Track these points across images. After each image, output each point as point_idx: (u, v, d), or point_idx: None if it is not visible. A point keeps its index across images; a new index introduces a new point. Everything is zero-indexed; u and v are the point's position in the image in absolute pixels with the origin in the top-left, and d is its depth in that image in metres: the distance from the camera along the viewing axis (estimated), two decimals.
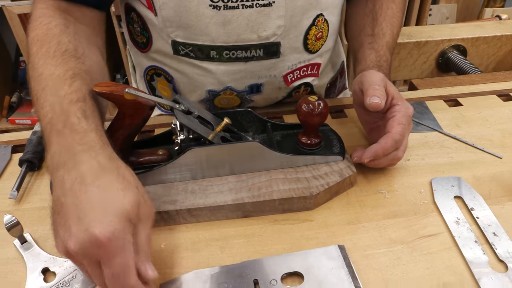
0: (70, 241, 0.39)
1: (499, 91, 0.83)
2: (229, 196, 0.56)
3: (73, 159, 0.43)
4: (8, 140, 0.75)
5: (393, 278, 0.48)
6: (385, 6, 0.73)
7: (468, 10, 2.72)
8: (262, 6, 0.63)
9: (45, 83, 0.50)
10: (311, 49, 0.72)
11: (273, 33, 0.66)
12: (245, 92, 0.74)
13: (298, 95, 0.79)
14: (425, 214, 0.56)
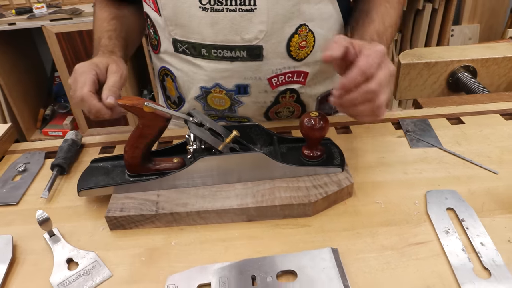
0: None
1: (502, 111, 0.86)
2: (235, 201, 0.61)
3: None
4: (42, 147, 0.84)
5: (381, 280, 0.52)
6: (377, 4, 0.76)
7: (492, 31, 2.72)
8: (245, 11, 0.69)
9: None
10: (295, 56, 0.77)
11: (255, 37, 0.72)
12: (233, 92, 0.80)
13: (285, 100, 0.83)
14: (417, 223, 0.60)
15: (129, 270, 0.56)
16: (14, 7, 2.45)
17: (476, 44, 1.89)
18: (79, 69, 0.70)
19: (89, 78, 0.67)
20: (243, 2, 0.69)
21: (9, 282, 0.55)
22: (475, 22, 2.73)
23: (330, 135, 0.79)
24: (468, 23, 2.74)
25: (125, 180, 0.65)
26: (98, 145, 0.83)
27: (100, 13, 0.87)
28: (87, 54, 2.47)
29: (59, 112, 2.96)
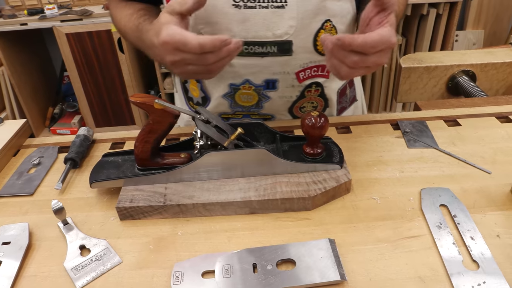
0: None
1: (498, 114, 0.89)
2: (238, 195, 0.65)
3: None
4: (55, 142, 0.88)
5: (375, 269, 0.56)
6: None
7: (496, 36, 2.75)
8: (276, 8, 0.73)
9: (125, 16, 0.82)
10: (321, 50, 0.81)
11: (285, 32, 0.76)
12: (261, 87, 0.84)
13: (310, 94, 0.87)
14: (411, 218, 0.63)
15: (137, 257, 0.59)
16: (26, 7, 2.51)
17: (478, 49, 1.92)
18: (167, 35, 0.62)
19: (183, 31, 0.62)
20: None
21: (26, 265, 0.59)
22: (480, 28, 2.76)
23: (331, 134, 0.83)
24: (472, 29, 2.76)
25: (135, 173, 0.69)
26: (108, 141, 0.87)
27: (124, 11, 0.84)
28: (96, 54, 2.53)
29: (68, 111, 3.01)
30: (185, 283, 0.54)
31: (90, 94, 2.72)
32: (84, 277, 0.57)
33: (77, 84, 2.66)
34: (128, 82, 2.67)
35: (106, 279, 0.57)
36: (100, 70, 2.61)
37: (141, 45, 0.76)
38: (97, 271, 0.57)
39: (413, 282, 0.54)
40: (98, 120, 2.85)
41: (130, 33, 0.80)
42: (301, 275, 0.54)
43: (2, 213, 0.69)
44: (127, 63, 2.58)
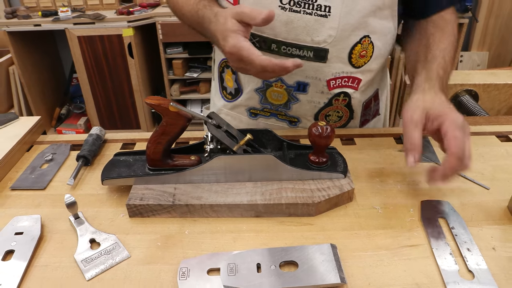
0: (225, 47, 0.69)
1: (499, 133, 0.92)
2: (245, 198, 0.67)
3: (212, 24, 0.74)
4: (68, 140, 0.90)
5: (374, 274, 0.58)
6: (437, 40, 0.81)
7: (500, 59, 2.79)
8: (319, 16, 0.77)
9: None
10: (354, 63, 0.84)
11: (324, 40, 0.79)
12: (292, 88, 0.87)
13: (337, 103, 0.90)
14: (411, 228, 0.66)
15: (145, 253, 0.62)
16: (40, 9, 2.56)
17: (482, 70, 1.95)
18: (234, 47, 0.67)
19: (250, 47, 0.67)
20: (319, 8, 0.76)
21: (37, 255, 0.61)
22: (484, 49, 2.80)
23: (336, 145, 0.85)
24: (477, 50, 2.80)
25: (146, 173, 0.72)
26: (119, 141, 0.90)
27: None
28: (106, 58, 2.57)
29: (74, 112, 3.05)
30: (191, 279, 0.56)
31: (97, 97, 2.76)
32: (93, 269, 0.59)
33: (86, 86, 2.70)
34: (135, 87, 2.71)
35: (114, 272, 0.59)
36: (109, 74, 2.65)
37: (202, 31, 0.81)
38: (106, 264, 0.60)
39: None
40: (104, 122, 2.88)
41: (188, 16, 0.83)
42: (303, 276, 0.56)
43: (15, 205, 0.72)
44: (136, 68, 2.62)
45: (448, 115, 0.64)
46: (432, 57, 0.77)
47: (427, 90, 0.70)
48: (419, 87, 0.72)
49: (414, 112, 0.66)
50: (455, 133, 0.62)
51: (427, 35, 0.83)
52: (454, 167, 0.61)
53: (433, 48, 0.79)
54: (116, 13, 2.55)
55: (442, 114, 0.65)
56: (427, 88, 0.71)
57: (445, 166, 0.62)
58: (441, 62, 0.76)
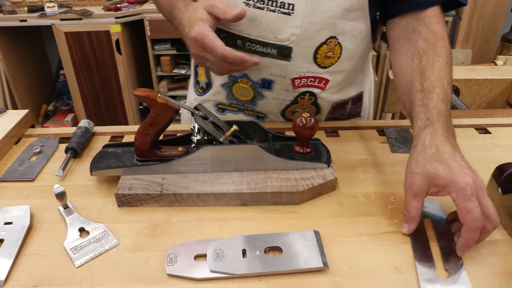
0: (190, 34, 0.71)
1: (477, 125, 0.95)
2: (231, 187, 0.69)
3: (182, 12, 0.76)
4: (56, 133, 0.91)
5: (355, 259, 0.60)
6: (431, 61, 0.72)
7: (483, 57, 2.84)
8: (283, 13, 0.77)
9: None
10: (320, 63, 0.83)
11: (287, 38, 0.79)
12: (257, 85, 0.88)
13: (303, 101, 0.91)
14: (391, 216, 0.68)
15: (134, 240, 0.63)
16: (26, 4, 2.54)
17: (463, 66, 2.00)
18: (199, 33, 0.70)
19: (214, 36, 0.70)
20: (283, 5, 0.76)
21: (27, 244, 0.62)
22: (468, 47, 2.86)
23: (320, 137, 0.87)
24: (461, 48, 2.86)
25: (134, 163, 0.73)
26: (108, 134, 0.91)
27: None
28: (93, 54, 2.56)
29: (62, 108, 3.03)
30: (178, 265, 0.58)
31: (85, 93, 2.75)
32: (82, 257, 0.60)
33: (73, 82, 2.68)
34: (123, 83, 2.71)
35: (103, 259, 0.60)
36: (96, 70, 2.64)
37: (171, 19, 0.83)
38: (95, 252, 0.61)
39: (390, 272, 0.58)
40: (92, 119, 2.85)
41: (162, 3, 0.85)
42: (287, 261, 0.58)
43: (4, 196, 0.73)
44: (123, 64, 2.62)
45: (455, 183, 0.57)
46: (430, 86, 0.69)
47: (428, 144, 0.62)
48: (420, 139, 0.64)
49: (415, 179, 0.61)
50: (466, 206, 0.56)
51: (418, 53, 0.74)
52: (472, 238, 0.57)
53: (428, 72, 0.70)
54: (103, 9, 2.54)
55: (448, 183, 0.58)
56: (429, 140, 0.63)
57: (464, 239, 0.57)
58: (440, 92, 0.68)
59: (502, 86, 1.22)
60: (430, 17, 0.77)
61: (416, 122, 0.67)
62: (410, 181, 0.62)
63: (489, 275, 0.58)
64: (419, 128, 0.65)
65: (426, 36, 0.75)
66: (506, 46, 2.59)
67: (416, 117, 0.67)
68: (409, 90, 0.72)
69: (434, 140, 0.62)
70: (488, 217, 0.57)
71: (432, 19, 0.77)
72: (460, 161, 0.60)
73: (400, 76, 0.77)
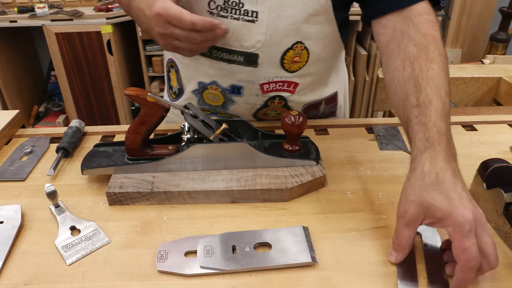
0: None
1: (464, 123, 0.97)
2: (221, 184, 0.70)
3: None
4: (47, 133, 0.91)
5: (343, 254, 0.61)
6: (425, 68, 0.64)
7: (472, 56, 2.88)
8: (247, 21, 0.76)
9: None
10: (287, 68, 0.83)
11: (252, 45, 0.79)
12: (227, 91, 0.88)
13: (273, 105, 0.91)
14: (379, 211, 0.69)
15: (125, 238, 0.64)
16: (16, 5, 2.53)
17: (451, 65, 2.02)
18: (163, 8, 0.65)
19: (179, 7, 0.66)
20: (246, 13, 0.76)
21: (18, 243, 0.63)
22: (457, 47, 2.89)
23: (309, 135, 0.89)
24: (451, 47, 2.89)
25: (125, 162, 0.73)
26: (99, 134, 0.91)
27: None
28: (85, 55, 2.55)
29: (53, 110, 3.02)
30: (168, 261, 0.59)
31: (76, 94, 2.74)
32: (74, 255, 0.61)
33: (64, 83, 2.67)
34: (115, 83, 2.70)
35: (95, 256, 0.61)
36: (88, 71, 2.63)
37: (130, 12, 0.78)
38: (87, 250, 0.61)
39: (378, 266, 0.59)
40: (83, 120, 2.82)
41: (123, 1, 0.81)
42: (276, 256, 0.59)
43: None
44: (115, 65, 2.61)
45: (452, 218, 0.52)
46: (426, 100, 0.61)
47: (427, 170, 0.56)
48: (420, 163, 0.57)
49: (409, 207, 0.55)
50: (463, 244, 0.51)
51: (409, 60, 0.66)
52: (467, 279, 0.52)
53: (423, 82, 0.63)
54: (94, 9, 2.53)
55: (445, 216, 0.53)
56: (428, 166, 0.56)
57: (457, 279, 0.53)
58: (438, 106, 0.61)
59: (489, 84, 1.24)
60: (418, 16, 0.70)
61: (415, 143, 0.59)
62: (404, 207, 0.56)
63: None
64: (418, 150, 0.58)
65: (416, 39, 0.67)
66: (494, 45, 2.63)
67: (414, 137, 0.60)
68: (404, 104, 0.65)
69: (435, 166, 0.56)
70: (485, 256, 0.52)
71: (421, 18, 0.69)
72: (461, 191, 0.54)
73: (394, 87, 0.68)
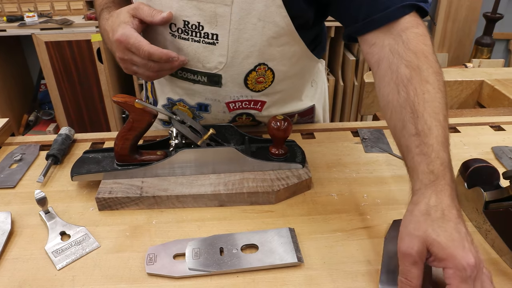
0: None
1: (448, 125, 0.99)
2: (209, 188, 0.71)
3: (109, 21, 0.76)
4: (37, 141, 0.92)
5: (329, 254, 0.63)
6: (420, 91, 0.60)
7: (458, 60, 2.92)
8: (208, 44, 0.75)
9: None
10: (252, 88, 0.83)
11: (215, 67, 0.78)
12: (194, 108, 0.88)
13: (242, 120, 0.92)
14: (363, 212, 0.71)
15: (114, 242, 0.65)
16: (5, 14, 2.53)
17: None
18: (123, 35, 0.70)
19: (139, 36, 0.70)
20: (207, 36, 0.74)
21: (8, 249, 0.63)
22: (444, 51, 2.94)
23: (296, 139, 0.90)
24: (437, 52, 2.94)
25: (114, 168, 0.75)
26: (88, 141, 0.92)
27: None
28: (75, 63, 2.56)
29: (43, 118, 3.01)
30: (157, 264, 0.60)
31: (67, 102, 2.73)
32: (64, 260, 0.61)
33: (54, 92, 2.67)
34: (105, 92, 2.70)
35: (84, 261, 0.62)
36: (78, 79, 2.63)
37: (100, 30, 0.82)
38: (77, 254, 0.62)
39: (362, 265, 0.61)
40: (74, 128, 2.82)
41: (97, 17, 0.85)
42: (263, 257, 0.60)
43: None
44: (105, 73, 2.61)
45: (455, 260, 0.49)
46: (426, 128, 0.58)
47: (433, 205, 0.53)
48: (425, 197, 0.54)
49: (414, 244, 0.51)
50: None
51: (403, 83, 0.62)
52: None
53: (420, 108, 0.59)
54: (84, 18, 2.54)
55: (448, 257, 0.50)
56: (434, 201, 0.53)
57: None
58: (438, 134, 0.58)
59: (472, 87, 1.27)
60: (406, 31, 0.65)
61: (417, 175, 0.56)
62: (408, 244, 0.52)
63: None
64: (421, 183, 0.55)
65: (407, 58, 0.62)
66: (479, 49, 2.68)
67: (417, 169, 0.57)
68: (402, 132, 0.61)
69: (441, 202, 0.53)
70: None
71: (410, 32, 0.64)
72: (465, 234, 0.51)
73: (389, 112, 0.65)
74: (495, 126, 1.00)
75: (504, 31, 3.03)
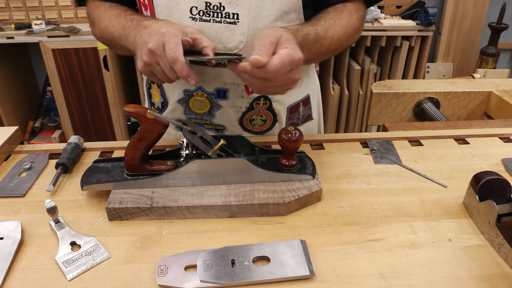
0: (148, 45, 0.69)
1: (456, 136, 0.99)
2: (219, 199, 0.71)
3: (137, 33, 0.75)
4: (46, 149, 0.92)
5: (341, 266, 0.62)
6: (329, 18, 0.83)
7: (463, 70, 2.92)
8: (229, 23, 0.80)
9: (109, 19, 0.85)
10: None
11: (236, 46, 0.82)
12: (213, 96, 0.90)
13: (258, 107, 0.94)
14: (375, 224, 0.71)
15: (125, 253, 0.64)
16: (13, 22, 2.55)
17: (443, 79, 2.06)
18: (167, 33, 0.69)
19: (180, 44, 0.69)
20: (228, 16, 0.80)
21: (18, 259, 0.63)
22: (449, 61, 2.94)
23: (305, 150, 0.90)
24: (442, 61, 2.94)
25: (124, 178, 0.74)
26: (97, 150, 0.92)
27: (109, 11, 0.87)
28: (81, 70, 2.57)
29: (49, 125, 3.02)
30: (169, 276, 0.59)
31: (72, 110, 2.74)
32: (74, 270, 0.61)
33: (60, 99, 2.68)
34: (111, 99, 2.71)
35: (95, 272, 0.61)
36: (84, 86, 2.65)
37: (124, 43, 0.80)
38: (87, 265, 0.62)
39: (374, 278, 0.60)
40: (79, 135, 2.85)
41: (114, 32, 0.83)
42: (275, 270, 0.60)
43: None
44: (111, 81, 2.63)
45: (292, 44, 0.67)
46: (314, 23, 0.80)
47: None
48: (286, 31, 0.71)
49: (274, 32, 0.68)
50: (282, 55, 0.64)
51: (326, 11, 0.85)
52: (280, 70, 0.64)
53: (321, 20, 0.81)
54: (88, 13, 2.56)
55: (286, 43, 0.67)
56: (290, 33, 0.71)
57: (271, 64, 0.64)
58: (320, 31, 0.79)
59: (479, 98, 1.27)
60: (350, 7, 0.86)
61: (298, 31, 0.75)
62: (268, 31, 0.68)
63: (468, 279, 0.60)
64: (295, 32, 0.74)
65: (338, 7, 0.86)
66: (484, 59, 2.68)
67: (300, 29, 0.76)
68: (310, 21, 0.82)
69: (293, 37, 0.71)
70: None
71: (353, 9, 0.87)
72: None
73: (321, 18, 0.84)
74: (505, 137, 0.99)
75: (509, 41, 3.03)
